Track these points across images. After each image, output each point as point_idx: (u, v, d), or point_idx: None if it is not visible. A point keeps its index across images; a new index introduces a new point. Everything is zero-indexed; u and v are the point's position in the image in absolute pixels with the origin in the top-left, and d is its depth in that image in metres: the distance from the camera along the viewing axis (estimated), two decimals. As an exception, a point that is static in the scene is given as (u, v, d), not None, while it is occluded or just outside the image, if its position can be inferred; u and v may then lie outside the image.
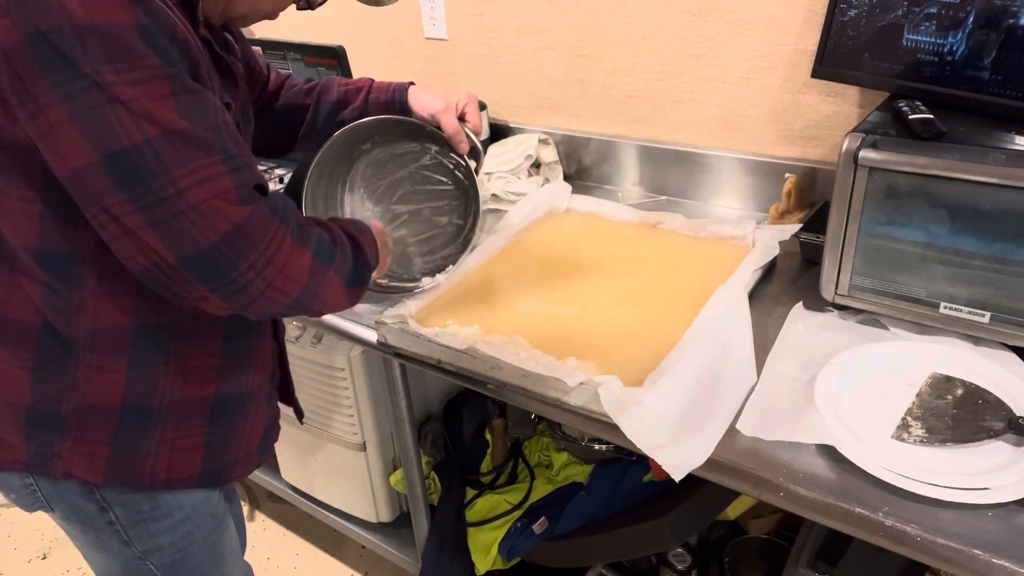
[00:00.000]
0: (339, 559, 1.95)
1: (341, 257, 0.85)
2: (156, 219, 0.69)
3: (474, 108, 1.12)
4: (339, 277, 0.84)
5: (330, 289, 0.83)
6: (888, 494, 0.79)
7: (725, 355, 1.00)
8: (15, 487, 0.90)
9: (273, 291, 0.76)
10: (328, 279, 0.82)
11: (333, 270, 0.83)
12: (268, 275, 0.75)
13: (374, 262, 0.94)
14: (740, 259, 1.19)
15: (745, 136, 1.46)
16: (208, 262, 0.71)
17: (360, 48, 1.91)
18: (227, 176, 0.71)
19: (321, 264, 0.81)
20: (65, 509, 0.90)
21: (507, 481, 1.60)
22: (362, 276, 0.90)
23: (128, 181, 0.68)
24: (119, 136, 0.67)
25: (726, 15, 1.38)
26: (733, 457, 0.87)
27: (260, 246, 0.73)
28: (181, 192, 0.69)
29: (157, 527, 0.92)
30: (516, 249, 1.37)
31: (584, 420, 0.97)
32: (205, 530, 0.97)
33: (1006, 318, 0.95)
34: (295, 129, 1.18)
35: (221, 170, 0.71)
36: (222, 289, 0.73)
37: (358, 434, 1.57)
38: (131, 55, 0.66)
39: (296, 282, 0.78)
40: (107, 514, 0.89)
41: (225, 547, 1.02)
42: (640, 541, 1.31)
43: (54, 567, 2.00)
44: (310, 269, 0.79)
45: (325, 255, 0.82)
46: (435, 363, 1.09)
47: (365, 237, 0.92)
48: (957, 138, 0.95)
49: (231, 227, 0.71)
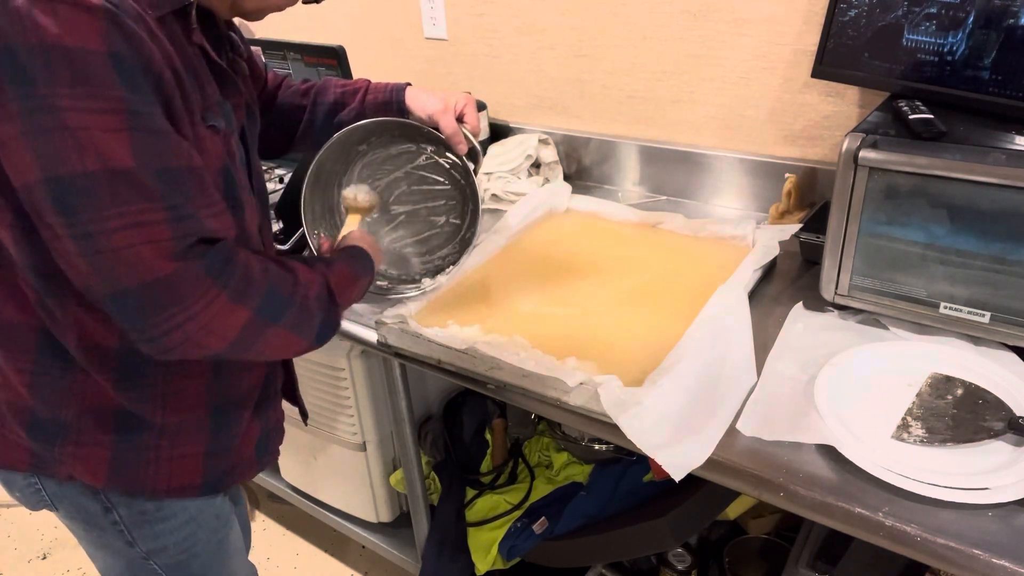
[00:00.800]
0: (339, 559, 1.95)
1: (299, 314, 0.81)
2: (84, 250, 0.68)
3: (472, 109, 1.12)
4: (290, 331, 0.81)
5: (271, 343, 0.80)
6: (888, 494, 0.79)
7: (725, 355, 1.00)
8: (19, 485, 0.90)
9: (190, 345, 0.73)
10: (269, 335, 0.79)
11: (280, 326, 0.79)
12: (188, 328, 0.72)
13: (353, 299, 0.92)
14: (740, 259, 1.19)
15: (745, 136, 1.46)
16: (129, 304, 0.70)
17: (360, 48, 1.91)
18: (164, 226, 0.69)
19: (261, 321, 0.77)
20: (69, 508, 0.91)
21: (507, 481, 1.60)
22: (325, 332, 0.86)
23: (64, 207, 0.67)
24: (64, 161, 0.65)
25: (726, 15, 1.38)
26: (733, 457, 0.87)
27: (186, 302, 0.71)
28: (107, 232, 0.67)
29: (161, 528, 0.92)
30: (516, 249, 1.37)
31: (584, 420, 0.97)
32: (209, 531, 0.96)
33: (1006, 318, 0.95)
34: (292, 130, 1.17)
35: (159, 218, 0.69)
36: (137, 332, 0.72)
37: (358, 434, 1.57)
38: (94, 82, 0.65)
39: (221, 338, 0.75)
40: (111, 514, 0.90)
41: (230, 547, 1.02)
42: (640, 541, 1.31)
43: (54, 567, 2.00)
44: (243, 325, 0.76)
45: (270, 313, 0.78)
46: (435, 363, 1.09)
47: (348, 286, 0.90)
48: (957, 138, 0.95)
49: (154, 278, 0.69)
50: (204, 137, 0.77)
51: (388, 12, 1.84)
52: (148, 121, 0.69)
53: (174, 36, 0.75)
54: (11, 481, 0.91)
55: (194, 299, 0.71)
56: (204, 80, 0.79)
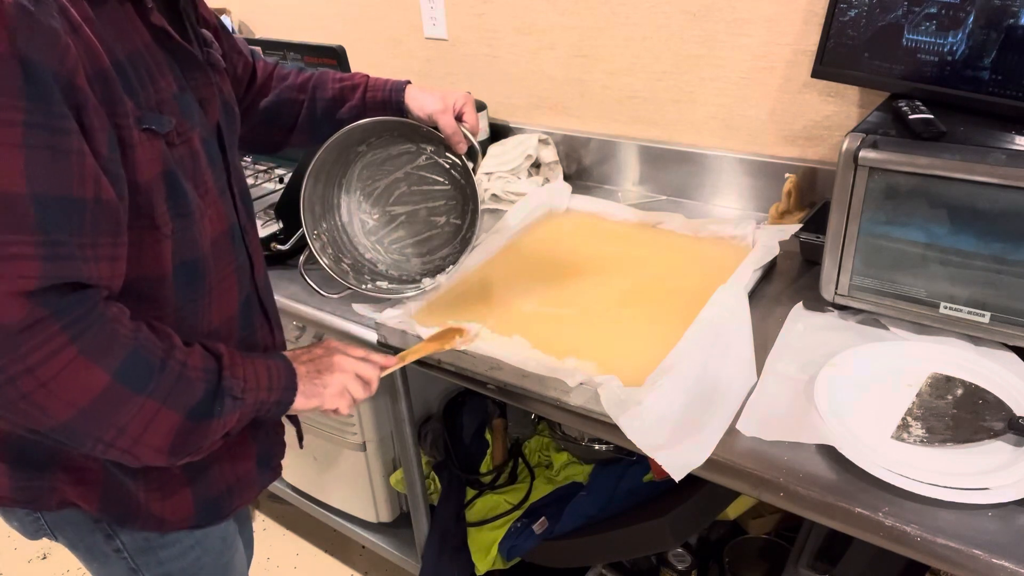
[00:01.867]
0: (339, 559, 1.95)
1: (172, 383, 0.69)
2: None
3: (471, 108, 1.11)
4: (165, 406, 0.69)
5: (142, 421, 0.67)
6: (888, 494, 0.79)
7: (725, 355, 1.00)
8: (18, 515, 0.87)
9: (27, 405, 0.63)
10: (136, 408, 0.67)
11: (146, 397, 0.67)
12: (23, 385, 0.61)
13: (262, 391, 0.77)
14: (740, 259, 1.19)
15: (745, 136, 1.46)
16: None
17: (360, 48, 1.91)
18: (35, 262, 0.60)
19: (119, 388, 0.66)
20: (72, 537, 0.88)
21: (507, 481, 1.60)
22: (214, 409, 0.72)
23: None
24: None
25: (726, 15, 1.38)
26: (733, 457, 0.87)
27: (21, 350, 0.60)
28: None
29: (166, 554, 0.90)
30: (516, 249, 1.37)
31: (584, 420, 0.97)
32: (215, 554, 0.95)
33: (1006, 318, 0.95)
34: (289, 125, 1.14)
35: (29, 252, 0.60)
36: None
37: (358, 434, 1.57)
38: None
39: (68, 403, 0.64)
40: (113, 541, 0.87)
41: (236, 570, 1.00)
42: (640, 541, 1.31)
43: (54, 567, 2.00)
44: (100, 392, 0.65)
45: (132, 379, 0.66)
46: (435, 363, 1.09)
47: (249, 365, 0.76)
48: (957, 138, 0.95)
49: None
50: (136, 144, 0.69)
51: (388, 12, 1.84)
52: (52, 139, 0.61)
53: (120, 21, 0.69)
54: (8, 512, 0.88)
55: (32, 349, 0.61)
56: (157, 71, 0.72)
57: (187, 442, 0.71)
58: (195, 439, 0.72)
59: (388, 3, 1.83)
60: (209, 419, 0.72)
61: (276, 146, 1.18)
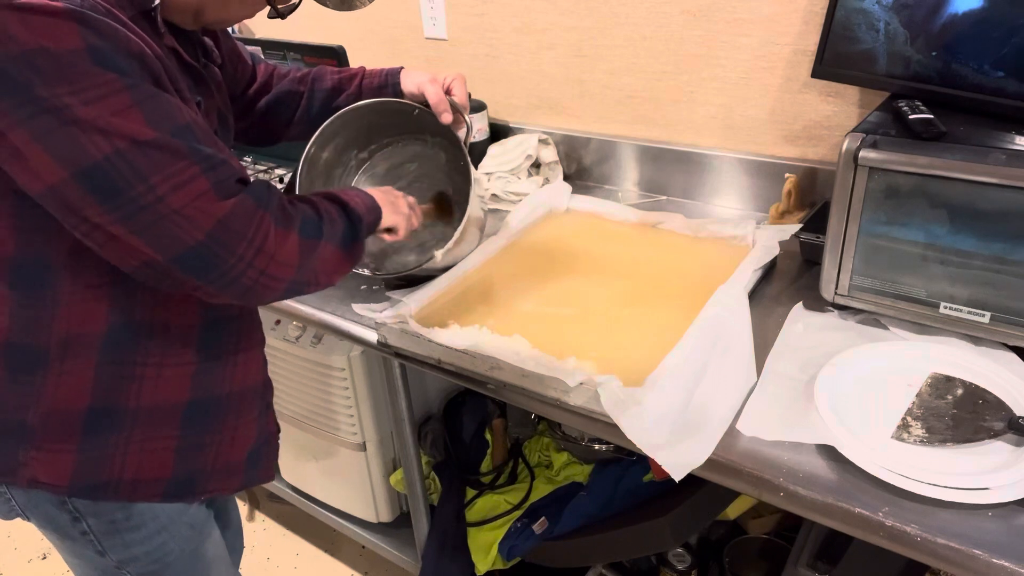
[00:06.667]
0: (339, 559, 1.95)
1: (330, 226, 0.86)
2: (139, 226, 0.71)
3: (460, 84, 1.15)
4: (332, 244, 0.86)
5: (324, 260, 0.85)
6: (888, 494, 0.79)
7: (725, 355, 1.00)
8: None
9: (267, 278, 0.78)
10: (320, 252, 0.84)
11: (324, 241, 0.84)
12: (259, 263, 0.77)
13: (368, 213, 0.94)
14: (740, 259, 1.19)
15: (745, 136, 1.46)
16: (198, 259, 0.73)
17: (360, 48, 1.91)
18: (202, 177, 0.73)
19: (308, 241, 0.82)
20: (41, 518, 0.89)
21: (507, 481, 1.60)
22: (355, 232, 0.91)
23: (105, 193, 0.69)
24: (87, 151, 0.68)
25: (726, 15, 1.38)
26: (733, 457, 0.87)
27: (248, 235, 0.75)
28: (161, 198, 0.70)
29: (132, 537, 0.90)
30: (516, 249, 1.37)
31: (584, 420, 0.97)
32: (183, 540, 0.95)
33: (1006, 318, 0.95)
34: (289, 116, 1.18)
35: (196, 171, 0.72)
36: (215, 282, 0.75)
37: (358, 434, 1.57)
38: (85, 76, 0.67)
39: (288, 265, 0.79)
40: (80, 524, 0.88)
41: (207, 557, 1.00)
42: (640, 541, 1.31)
43: (54, 567, 2.00)
44: (299, 249, 0.80)
45: (311, 231, 0.83)
46: (435, 363, 1.09)
47: (351, 194, 0.93)
48: (957, 138, 0.95)
49: (215, 223, 0.73)
50: (194, 111, 0.79)
51: (388, 12, 1.84)
52: (148, 90, 0.71)
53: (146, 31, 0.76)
54: None
55: (252, 231, 0.75)
56: (178, 77, 0.81)
57: (351, 263, 0.91)
58: (354, 257, 0.92)
59: (388, 3, 1.83)
60: (356, 241, 0.91)
61: (275, 138, 1.21)
